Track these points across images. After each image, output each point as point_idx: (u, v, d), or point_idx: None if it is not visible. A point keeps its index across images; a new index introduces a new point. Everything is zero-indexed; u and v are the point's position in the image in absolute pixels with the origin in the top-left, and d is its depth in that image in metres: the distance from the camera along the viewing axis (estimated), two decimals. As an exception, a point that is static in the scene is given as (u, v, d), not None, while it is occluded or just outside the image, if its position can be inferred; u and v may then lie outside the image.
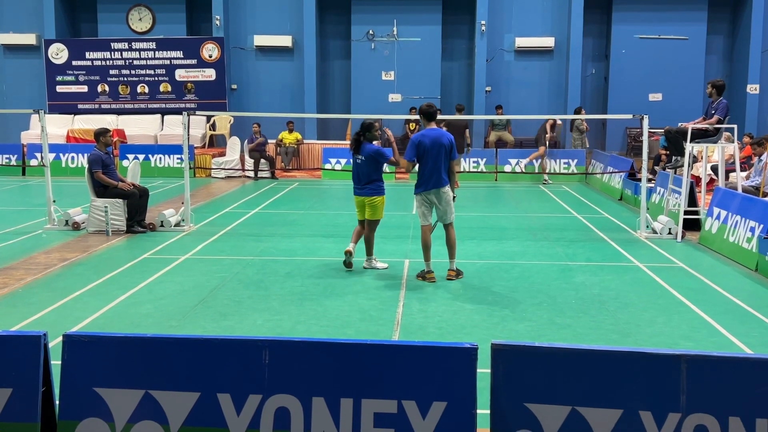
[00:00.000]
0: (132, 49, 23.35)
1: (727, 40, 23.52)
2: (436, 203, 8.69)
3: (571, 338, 6.66)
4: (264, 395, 3.84)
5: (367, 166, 9.02)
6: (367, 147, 9.03)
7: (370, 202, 9.05)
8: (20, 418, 3.90)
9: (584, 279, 8.84)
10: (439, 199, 8.65)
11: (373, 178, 9.05)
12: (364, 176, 9.05)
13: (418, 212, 8.89)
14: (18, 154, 20.91)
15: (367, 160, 9.00)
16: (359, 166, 9.08)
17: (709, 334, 6.84)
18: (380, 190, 9.08)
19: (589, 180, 19.10)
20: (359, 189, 9.12)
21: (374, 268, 9.24)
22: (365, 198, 9.07)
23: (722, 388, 3.60)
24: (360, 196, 9.13)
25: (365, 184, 9.05)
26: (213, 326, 6.98)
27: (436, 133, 8.61)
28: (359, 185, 9.11)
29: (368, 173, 9.02)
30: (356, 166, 9.13)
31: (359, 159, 9.06)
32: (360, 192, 9.12)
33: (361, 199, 9.14)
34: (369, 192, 9.03)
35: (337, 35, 24.21)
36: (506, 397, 3.73)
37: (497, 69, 23.45)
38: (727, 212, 10.35)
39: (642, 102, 22.38)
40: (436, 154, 8.50)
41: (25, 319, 7.13)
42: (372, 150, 9.01)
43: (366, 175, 9.04)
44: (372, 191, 9.03)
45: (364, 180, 9.06)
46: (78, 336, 4.01)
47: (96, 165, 11.52)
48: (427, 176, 8.59)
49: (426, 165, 8.56)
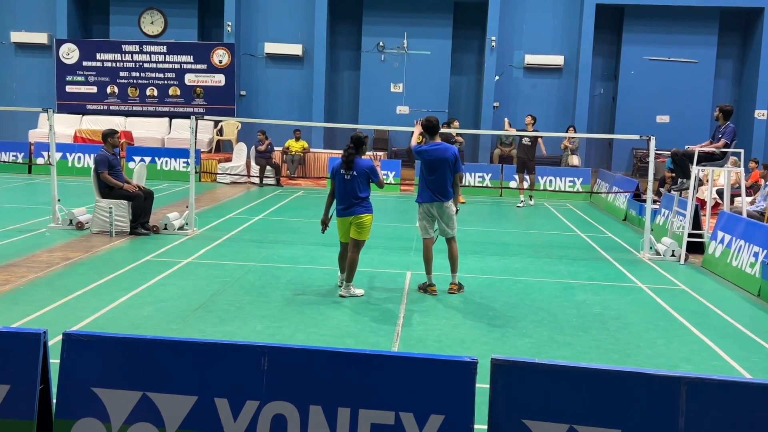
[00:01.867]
0: (143, 51, 23.46)
1: (736, 65, 23.57)
2: (437, 217, 8.69)
3: (571, 356, 6.63)
4: (261, 401, 3.83)
5: (358, 183, 8.31)
6: (361, 163, 8.37)
7: (357, 221, 8.31)
8: (17, 414, 3.89)
9: (586, 298, 8.82)
10: (441, 213, 8.65)
11: (363, 195, 8.35)
12: (352, 194, 8.30)
13: (419, 225, 8.85)
14: (25, 151, 20.97)
15: (359, 177, 8.31)
16: (347, 183, 8.31)
17: (710, 357, 6.82)
18: (369, 207, 8.41)
19: (594, 199, 19.09)
20: (345, 209, 8.34)
21: (353, 295, 8.42)
22: (353, 218, 8.31)
23: (722, 411, 3.58)
24: (346, 217, 8.36)
25: (354, 202, 8.30)
26: (213, 331, 6.98)
27: (440, 146, 8.63)
28: (345, 204, 8.34)
29: (358, 190, 8.31)
30: (343, 183, 8.34)
31: (348, 175, 8.31)
32: (346, 212, 8.34)
33: (346, 220, 8.38)
34: (358, 210, 8.30)
35: (347, 46, 24.31)
36: (504, 413, 3.71)
37: (506, 85, 23.51)
38: (731, 236, 10.33)
39: (649, 123, 22.42)
40: (439, 167, 8.52)
41: (26, 317, 7.13)
42: (367, 166, 8.38)
43: (355, 193, 8.30)
44: (362, 209, 8.32)
45: (352, 198, 8.30)
46: (77, 335, 4.01)
47: (102, 165, 11.55)
48: (430, 187, 8.60)
49: (429, 176, 8.58)
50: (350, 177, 8.31)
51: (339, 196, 8.41)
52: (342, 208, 8.37)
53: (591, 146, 23.72)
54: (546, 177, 19.87)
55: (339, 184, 8.38)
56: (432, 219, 8.73)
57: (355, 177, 8.31)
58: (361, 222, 8.32)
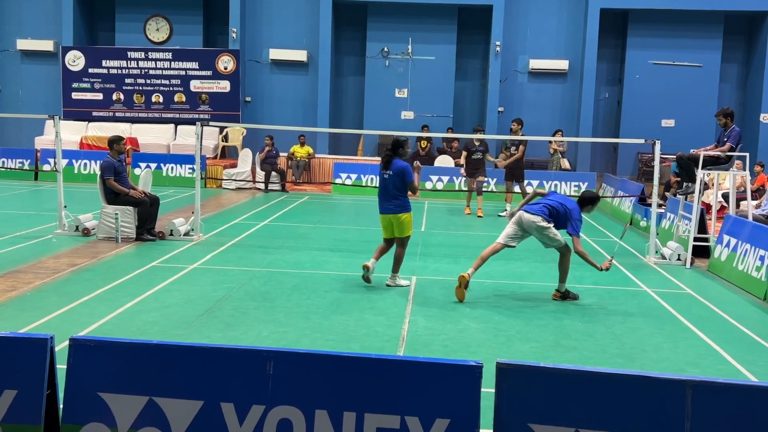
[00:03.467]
0: (148, 58, 23.53)
1: (741, 69, 23.54)
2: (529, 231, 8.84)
3: (577, 360, 6.63)
4: (267, 406, 3.84)
5: (393, 182, 8.99)
6: (397, 163, 9.03)
7: (396, 220, 9.02)
8: (24, 419, 3.91)
9: (591, 302, 8.81)
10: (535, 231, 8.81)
11: (399, 194, 9.01)
12: (387, 192, 9.03)
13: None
14: (31, 158, 21.06)
15: (394, 176, 8.98)
16: (386, 181, 9.06)
17: (716, 361, 6.80)
18: (406, 206, 9.05)
19: (599, 203, 19.04)
20: (385, 206, 9.08)
21: (398, 285, 9.16)
22: (391, 216, 9.04)
23: (728, 415, 3.58)
24: (386, 214, 9.09)
25: (392, 200, 9.01)
26: (218, 336, 6.99)
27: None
28: (385, 202, 9.07)
29: (394, 190, 8.99)
30: (383, 181, 9.12)
31: (386, 174, 9.05)
32: (386, 209, 9.08)
33: (387, 218, 9.10)
34: (394, 209, 8.99)
35: (351, 51, 24.35)
36: (510, 417, 3.72)
37: (510, 90, 23.51)
38: (737, 240, 10.31)
39: (654, 127, 22.38)
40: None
41: (33, 323, 7.16)
42: (401, 166, 8.99)
43: (392, 192, 9.00)
44: (399, 208, 8.99)
45: (390, 196, 9.01)
46: (84, 340, 4.02)
47: (108, 172, 11.59)
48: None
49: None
50: (387, 176, 9.04)
51: (380, 194, 9.15)
52: (383, 205, 9.10)
53: (596, 151, 23.69)
54: (551, 182, 19.86)
55: (381, 182, 9.16)
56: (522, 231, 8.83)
57: (390, 176, 8.99)
58: (399, 221, 9.01)
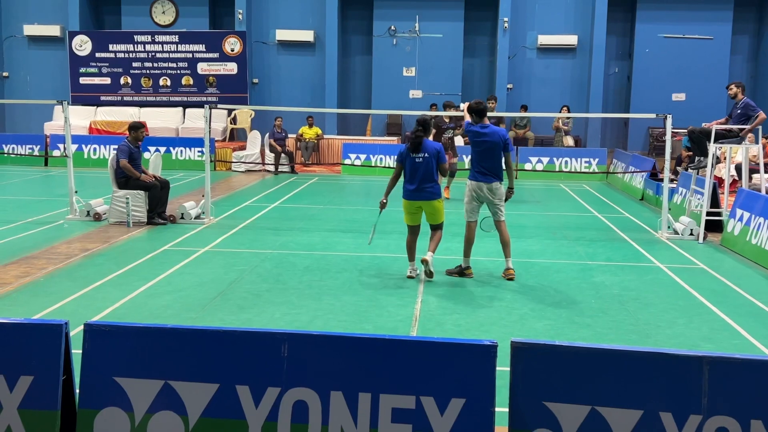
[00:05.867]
0: (155, 42, 23.49)
1: (752, 40, 23.28)
2: (489, 198, 8.65)
3: (591, 338, 6.62)
4: (282, 388, 3.84)
5: (428, 165, 8.29)
6: (429, 144, 8.39)
7: (429, 207, 8.40)
8: (41, 405, 3.93)
9: (604, 279, 8.78)
10: (493, 194, 8.64)
11: (434, 178, 8.37)
12: (426, 176, 8.30)
13: (466, 208, 8.75)
14: (41, 144, 21.09)
15: (430, 158, 8.30)
16: (420, 165, 8.29)
17: (730, 336, 6.78)
18: (439, 191, 8.50)
19: (611, 179, 18.97)
20: (417, 192, 8.33)
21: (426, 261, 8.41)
22: (423, 202, 8.37)
23: (744, 390, 3.56)
24: (416, 201, 8.37)
25: (426, 185, 8.33)
26: (232, 319, 7.01)
27: (493, 128, 8.64)
28: (417, 187, 8.32)
29: (430, 173, 8.31)
30: (414, 165, 8.31)
31: (419, 158, 8.29)
32: (417, 195, 8.34)
33: (416, 204, 8.40)
34: (429, 195, 8.34)
35: (358, 31, 24.21)
36: (525, 396, 3.71)
37: (519, 66, 23.36)
38: (750, 214, 10.24)
39: (665, 102, 22.21)
40: (492, 147, 8.52)
41: (46, 308, 7.20)
42: (436, 147, 8.40)
43: (430, 175, 8.32)
44: (433, 194, 8.37)
45: (426, 180, 8.31)
46: (99, 325, 4.03)
47: (123, 154, 11.60)
48: (483, 167, 8.57)
49: (481, 156, 8.55)
50: (422, 159, 8.30)
51: (410, 179, 8.36)
52: (413, 189, 8.33)
53: (606, 126, 23.55)
54: (562, 158, 19.78)
55: (410, 167, 8.35)
56: (479, 201, 8.71)
57: (426, 159, 8.30)
58: (434, 208, 8.41)
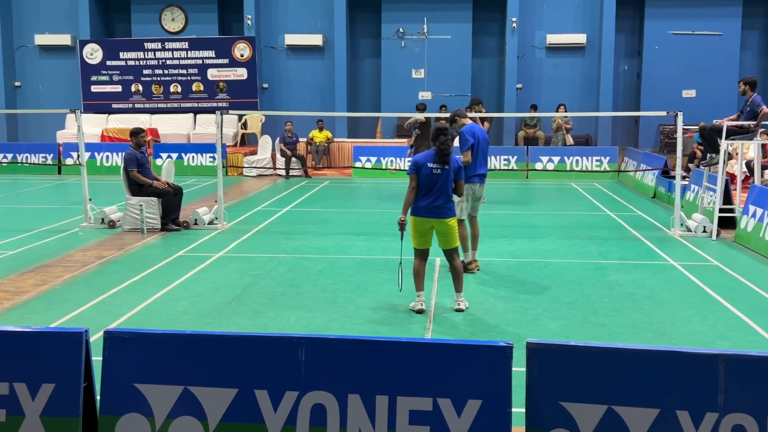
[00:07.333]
0: (165, 49, 23.61)
1: (762, 36, 23.17)
2: (479, 196, 9.08)
3: (606, 337, 6.62)
4: (300, 392, 3.88)
5: (447, 179, 7.17)
6: (455, 157, 7.29)
7: (443, 227, 7.24)
8: (63, 412, 3.98)
9: (618, 277, 8.78)
10: (482, 193, 9.13)
11: (450, 194, 7.25)
12: (443, 191, 7.17)
13: (461, 207, 8.56)
14: (54, 153, 21.24)
15: (451, 172, 7.19)
16: (438, 178, 7.13)
17: (745, 333, 6.77)
18: (455, 209, 7.45)
19: (622, 177, 18.94)
20: (429, 208, 7.17)
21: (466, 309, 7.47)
22: (436, 220, 7.21)
23: (760, 387, 3.57)
24: (428, 218, 7.19)
25: (442, 201, 7.18)
26: (248, 323, 7.06)
27: (480, 128, 9.11)
28: (431, 201, 7.16)
29: (446, 188, 7.19)
30: (431, 177, 7.12)
31: (439, 170, 7.13)
32: (429, 212, 7.17)
33: (428, 222, 7.22)
34: (446, 212, 7.21)
35: (367, 34, 24.26)
36: (542, 396, 3.73)
37: (528, 66, 23.33)
38: (764, 210, 10.21)
39: (675, 99, 22.13)
40: (485, 148, 9.06)
41: (64, 316, 7.26)
42: (459, 162, 7.35)
43: (446, 190, 7.19)
44: (450, 212, 7.26)
45: (440, 197, 7.17)
46: (119, 332, 4.08)
47: (131, 164, 11.68)
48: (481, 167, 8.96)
49: (478, 157, 8.92)
50: (441, 171, 7.13)
51: (424, 193, 7.17)
52: (425, 205, 7.17)
53: (617, 124, 23.49)
54: (573, 157, 19.75)
55: (425, 179, 7.13)
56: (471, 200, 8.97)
57: (447, 171, 7.16)
58: (448, 228, 7.26)
